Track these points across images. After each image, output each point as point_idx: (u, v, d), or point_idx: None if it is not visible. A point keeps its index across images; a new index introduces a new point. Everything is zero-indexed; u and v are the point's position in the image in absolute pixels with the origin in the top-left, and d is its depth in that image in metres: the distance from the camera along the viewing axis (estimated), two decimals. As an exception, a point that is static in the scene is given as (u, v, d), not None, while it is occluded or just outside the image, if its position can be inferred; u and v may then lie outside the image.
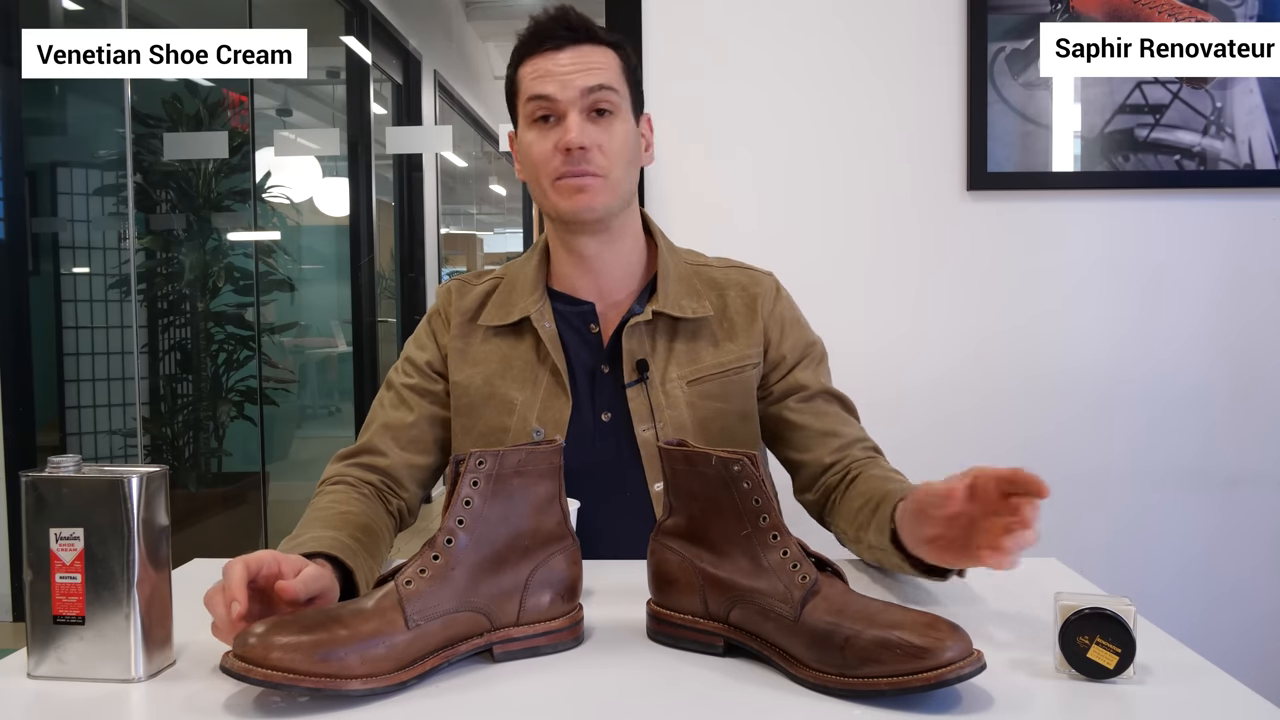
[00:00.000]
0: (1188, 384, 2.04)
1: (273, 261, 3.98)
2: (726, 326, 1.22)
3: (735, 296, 1.24)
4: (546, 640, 0.86)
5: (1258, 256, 2.03)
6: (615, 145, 1.14)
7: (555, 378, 1.18)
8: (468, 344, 1.22)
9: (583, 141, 1.11)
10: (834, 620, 0.77)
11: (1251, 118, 1.99)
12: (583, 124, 1.12)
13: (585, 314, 1.21)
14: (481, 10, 5.78)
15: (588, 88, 1.12)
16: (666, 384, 1.18)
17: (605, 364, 1.20)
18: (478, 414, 1.20)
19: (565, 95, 1.12)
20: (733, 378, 1.21)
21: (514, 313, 1.20)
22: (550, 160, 1.13)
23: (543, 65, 1.14)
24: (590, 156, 1.12)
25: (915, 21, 2.02)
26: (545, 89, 1.13)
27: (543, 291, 1.21)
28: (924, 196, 2.04)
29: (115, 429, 3.62)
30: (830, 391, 1.25)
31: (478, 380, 1.20)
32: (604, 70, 1.14)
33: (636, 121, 1.20)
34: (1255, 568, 2.05)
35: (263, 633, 0.74)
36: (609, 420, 1.19)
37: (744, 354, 1.21)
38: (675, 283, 1.21)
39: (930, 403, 2.05)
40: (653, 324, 1.19)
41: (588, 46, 1.14)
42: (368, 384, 4.31)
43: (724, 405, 1.20)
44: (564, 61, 1.13)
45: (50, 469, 0.80)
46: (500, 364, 1.20)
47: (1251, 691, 0.76)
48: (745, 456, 0.83)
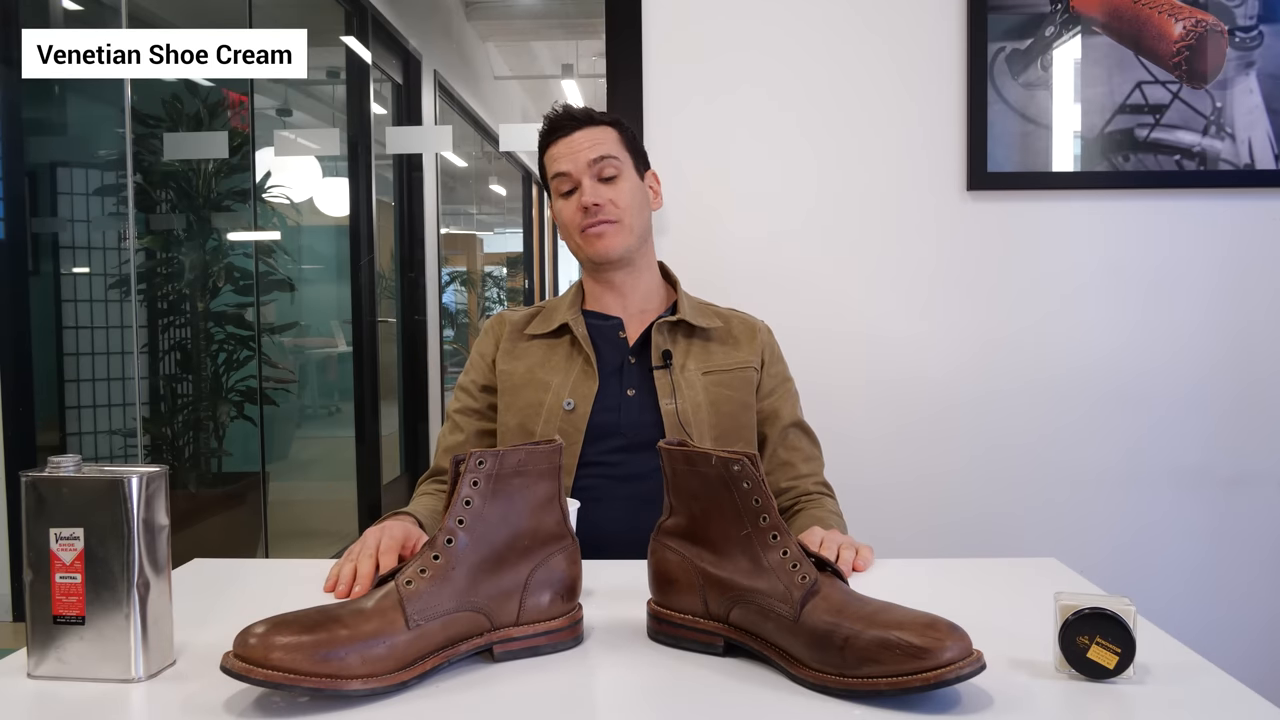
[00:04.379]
0: (1188, 384, 2.04)
1: (273, 261, 3.98)
2: (732, 341, 1.49)
3: (738, 324, 1.52)
4: (546, 640, 0.86)
5: (1258, 256, 2.03)
6: (623, 197, 1.43)
7: (587, 365, 1.42)
8: (515, 345, 1.48)
9: (595, 199, 1.41)
10: (834, 620, 0.77)
11: (1251, 118, 1.99)
12: (595, 187, 1.42)
13: (615, 325, 1.47)
14: (481, 10, 5.78)
15: (593, 159, 1.43)
16: (686, 372, 1.42)
17: (633, 356, 1.44)
18: (519, 393, 1.43)
19: (577, 167, 1.43)
20: (738, 375, 1.45)
21: (554, 322, 1.47)
22: (575, 219, 1.44)
23: (559, 149, 1.45)
24: (604, 209, 1.42)
25: (915, 21, 2.02)
26: (563, 167, 1.44)
27: (579, 309, 1.49)
28: (924, 196, 2.04)
29: (115, 429, 3.62)
30: (800, 425, 1.49)
31: (521, 369, 1.45)
32: (605, 143, 1.45)
33: (641, 177, 1.49)
34: (1256, 568, 2.05)
35: (263, 633, 0.74)
36: (633, 395, 1.41)
37: (747, 359, 1.47)
38: (691, 309, 1.49)
39: (930, 402, 2.05)
40: (676, 327, 1.46)
41: (590, 128, 1.45)
42: (368, 384, 4.31)
43: (733, 394, 1.43)
44: (574, 143, 1.44)
45: (50, 469, 0.80)
46: (542, 358, 1.46)
47: (1251, 691, 0.76)
48: (745, 456, 0.84)
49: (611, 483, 1.36)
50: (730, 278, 1.96)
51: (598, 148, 1.43)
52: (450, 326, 7.23)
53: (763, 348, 1.49)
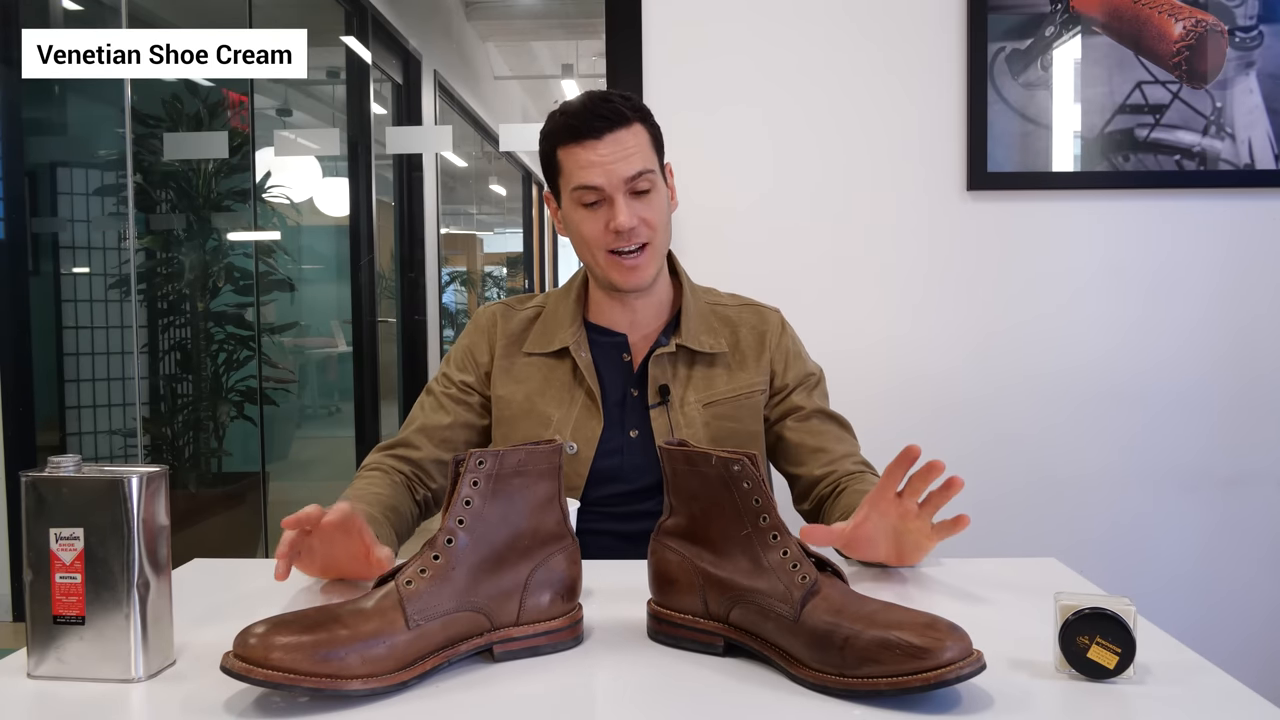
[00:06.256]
0: (1188, 384, 2.04)
1: (273, 261, 3.98)
2: (739, 358, 1.37)
3: (747, 333, 1.38)
4: (546, 640, 0.86)
5: (1258, 256, 2.03)
6: (656, 215, 1.29)
7: (590, 399, 1.33)
8: (512, 364, 1.36)
9: (631, 222, 1.25)
10: (834, 620, 0.77)
11: (1251, 118, 1.99)
12: (629, 205, 1.26)
13: (619, 345, 1.36)
14: (481, 10, 5.78)
15: (630, 176, 1.25)
16: (685, 406, 1.33)
17: (635, 388, 1.34)
18: (517, 426, 1.33)
19: (610, 184, 1.25)
20: (743, 401, 1.35)
21: (555, 342, 1.35)
22: (601, 238, 1.27)
23: (585, 155, 1.26)
24: (638, 231, 1.26)
25: (915, 21, 2.02)
26: (592, 180, 1.25)
27: (580, 323, 1.36)
28: (924, 196, 2.04)
29: (115, 429, 3.62)
30: (825, 411, 1.38)
31: (519, 396, 1.34)
32: (640, 154, 1.27)
33: (664, 176, 1.34)
34: (1255, 567, 2.05)
35: (263, 633, 0.74)
36: (636, 437, 1.33)
37: (753, 381, 1.36)
38: (696, 320, 1.36)
39: (930, 402, 2.05)
40: (675, 355, 1.34)
41: (621, 131, 1.26)
42: (367, 384, 4.31)
43: (735, 425, 1.33)
44: (604, 152, 1.25)
45: (50, 469, 0.80)
46: (541, 383, 1.34)
47: (1251, 691, 0.76)
48: (745, 456, 0.83)
49: (612, 520, 1.30)
50: (731, 278, 1.95)
51: (634, 161, 1.25)
52: (450, 326, 7.23)
53: (772, 359, 1.37)
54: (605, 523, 1.29)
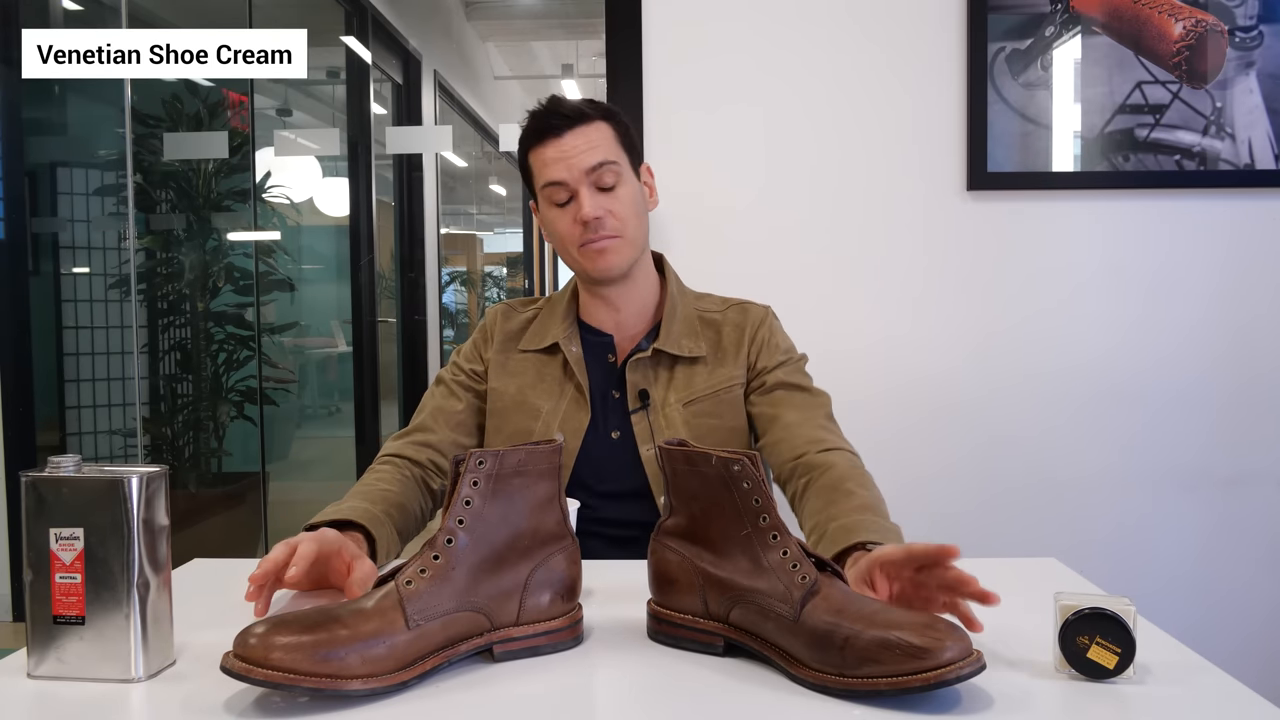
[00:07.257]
0: (1187, 384, 2.04)
1: (273, 261, 3.98)
2: (720, 356, 1.37)
3: (730, 330, 1.39)
4: (546, 640, 0.86)
5: (1258, 256, 2.03)
6: (624, 207, 1.31)
7: (578, 393, 1.35)
8: (507, 359, 1.40)
9: (596, 212, 1.28)
10: (834, 620, 0.77)
11: (1251, 118, 1.99)
12: (593, 197, 1.29)
13: (605, 344, 1.39)
14: (481, 10, 5.78)
15: (591, 167, 1.28)
16: (666, 408, 1.34)
17: (616, 390, 1.36)
18: (508, 417, 1.37)
19: (573, 176, 1.29)
20: (723, 396, 1.35)
21: (547, 339, 1.39)
22: (573, 232, 1.31)
23: (549, 153, 1.30)
24: (604, 222, 1.29)
25: (915, 21, 2.02)
26: (556, 175, 1.29)
27: (573, 321, 1.40)
28: (924, 196, 2.04)
29: (115, 429, 3.62)
30: (789, 383, 1.35)
31: (512, 389, 1.38)
32: (602, 147, 1.30)
33: (637, 175, 1.37)
34: (1255, 567, 2.05)
35: (263, 633, 0.74)
36: (618, 438, 1.35)
37: (731, 375, 1.36)
38: (679, 323, 1.37)
39: (930, 402, 2.05)
40: (655, 359, 1.36)
41: (582, 127, 1.30)
42: (367, 384, 4.31)
43: (716, 421, 1.34)
44: (566, 147, 1.29)
45: (50, 469, 0.80)
46: (533, 377, 1.38)
47: (1251, 691, 0.76)
48: (745, 456, 0.84)
49: (589, 523, 1.26)
50: (730, 278, 1.95)
51: (594, 152, 1.29)
52: (450, 326, 7.23)
53: (750, 346, 1.37)
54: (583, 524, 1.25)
